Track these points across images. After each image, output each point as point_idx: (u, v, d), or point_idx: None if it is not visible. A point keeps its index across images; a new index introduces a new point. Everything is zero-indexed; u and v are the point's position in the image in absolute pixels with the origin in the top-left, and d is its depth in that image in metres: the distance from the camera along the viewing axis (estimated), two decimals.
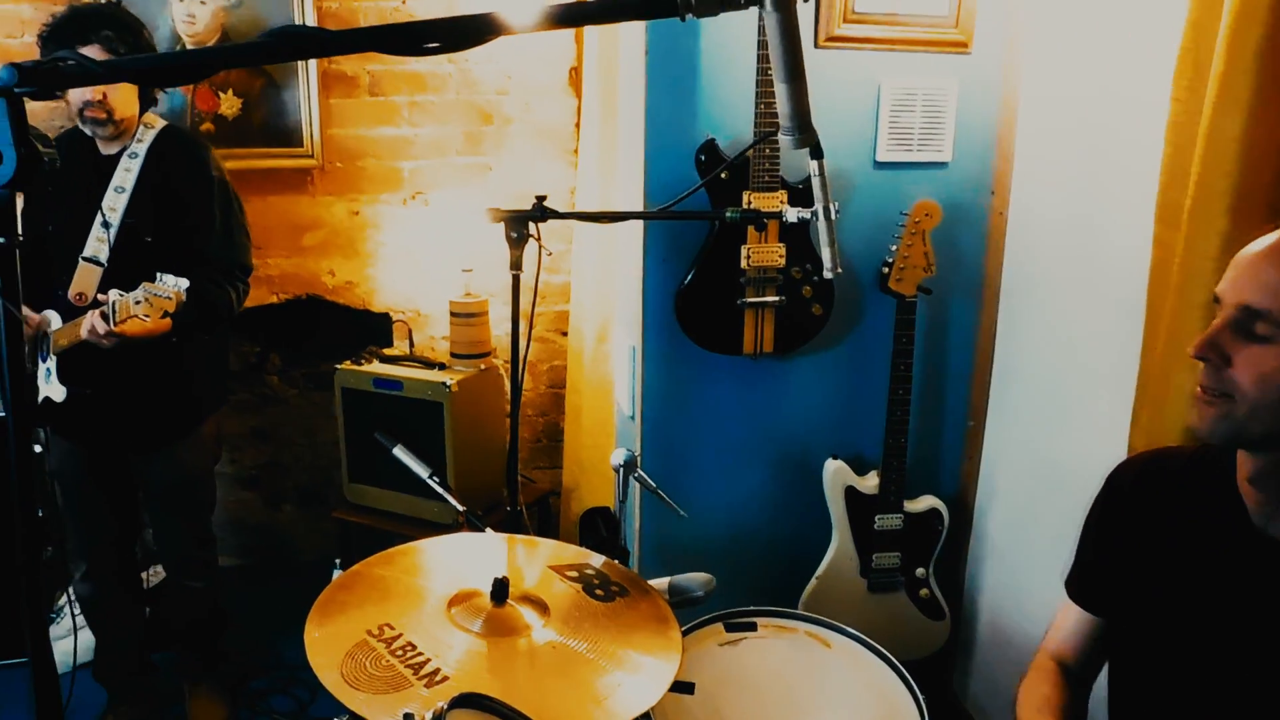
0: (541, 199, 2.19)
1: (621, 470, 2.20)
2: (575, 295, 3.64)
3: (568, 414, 3.81)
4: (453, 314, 3.38)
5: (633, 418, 2.90)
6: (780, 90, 0.97)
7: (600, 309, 3.39)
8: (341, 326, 3.81)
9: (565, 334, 3.80)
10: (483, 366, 3.34)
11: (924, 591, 2.88)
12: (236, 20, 3.46)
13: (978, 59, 2.71)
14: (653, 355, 2.77)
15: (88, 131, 2.64)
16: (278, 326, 3.86)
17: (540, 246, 2.23)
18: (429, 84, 3.60)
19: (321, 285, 3.73)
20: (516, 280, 2.22)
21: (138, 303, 2.32)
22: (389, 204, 3.67)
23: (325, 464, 4.03)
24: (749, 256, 2.60)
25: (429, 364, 3.35)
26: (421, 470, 2.69)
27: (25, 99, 0.98)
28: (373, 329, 3.76)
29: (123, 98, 2.59)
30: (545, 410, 3.98)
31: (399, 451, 2.72)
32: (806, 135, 1.00)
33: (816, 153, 1.93)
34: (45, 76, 0.97)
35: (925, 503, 2.87)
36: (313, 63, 3.48)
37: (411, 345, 3.63)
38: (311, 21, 3.44)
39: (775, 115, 2.50)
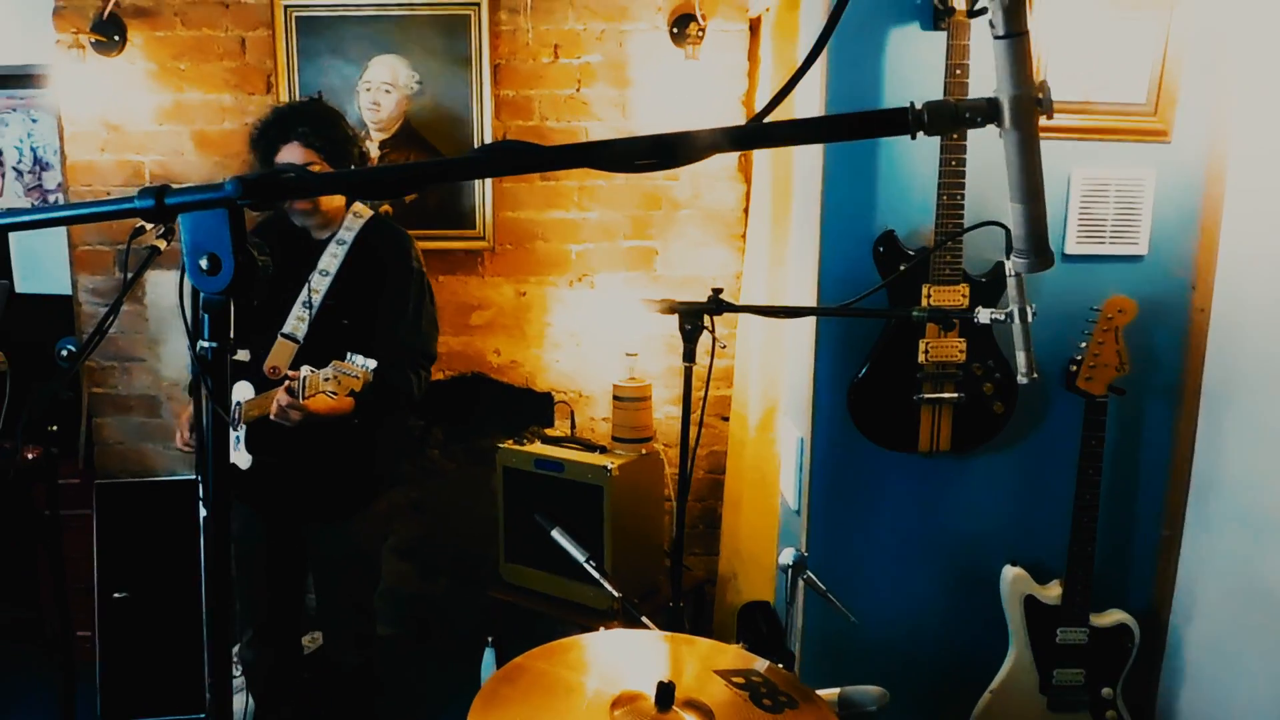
0: (717, 291, 2.16)
1: (790, 571, 2.13)
2: (738, 380, 3.58)
3: (726, 501, 3.73)
4: (616, 397, 3.37)
5: (798, 512, 2.81)
6: (1016, 211, 0.90)
7: (765, 396, 3.32)
8: (504, 405, 3.85)
9: (726, 419, 3.74)
10: (644, 451, 3.31)
11: (1110, 714, 2.68)
12: (418, 108, 3.60)
13: (1178, 147, 2.57)
14: (822, 449, 2.69)
15: (296, 222, 2.77)
16: (442, 402, 3.94)
17: (714, 338, 2.19)
18: None
19: (487, 364, 3.79)
20: (689, 373, 2.19)
21: (326, 379, 2.39)
22: (556, 285, 3.72)
23: (481, 539, 4.04)
24: (927, 351, 2.51)
25: (590, 446, 3.33)
26: (579, 554, 2.67)
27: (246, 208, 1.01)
28: (534, 408, 3.79)
29: None
30: (703, 496, 3.91)
31: (557, 534, 2.71)
32: (1043, 258, 0.92)
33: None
34: (265, 189, 0.99)
35: (1113, 617, 2.68)
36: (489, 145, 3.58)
37: (573, 426, 3.64)
38: (489, 109, 3.55)
39: (959, 207, 2.42)
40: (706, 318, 2.17)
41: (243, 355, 2.88)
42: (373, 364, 2.40)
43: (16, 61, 3.85)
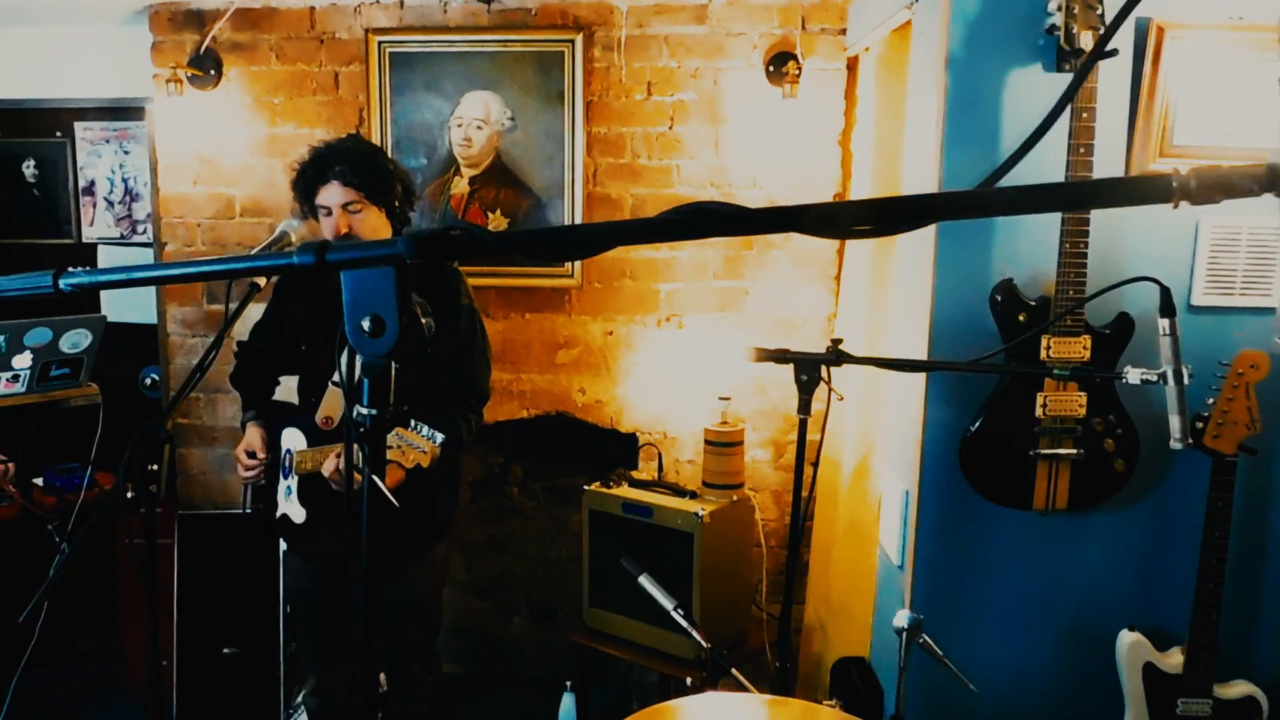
0: (837, 342, 2.08)
1: (905, 634, 2.05)
2: (830, 426, 3.47)
3: (815, 548, 3.63)
4: (708, 442, 3.28)
5: (900, 567, 2.71)
6: None
7: (861, 443, 3.22)
8: (587, 445, 3.79)
9: (814, 464, 3.63)
10: (735, 498, 3.22)
11: None
12: (509, 144, 3.57)
13: None
14: (929, 503, 2.59)
15: None
16: (524, 440, 3.89)
17: (830, 389, 2.11)
18: None
19: (571, 403, 3.73)
20: (804, 425, 2.11)
21: (389, 448, 2.28)
22: (644, 325, 3.65)
23: (559, 580, 3.99)
24: (1045, 404, 2.40)
25: (679, 491, 3.25)
26: (667, 601, 2.60)
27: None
28: (618, 450, 3.71)
29: (369, 226, 2.58)
30: (788, 541, 3.81)
31: (644, 580, 2.64)
32: None
33: (1168, 309, 1.76)
34: (437, 247, 0.93)
35: (1239, 689, 2.53)
36: (578, 184, 3.54)
37: (660, 469, 3.56)
38: (580, 146, 3.51)
39: (1082, 256, 2.32)
40: (824, 369, 2.09)
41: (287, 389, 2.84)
42: (441, 437, 2.29)
43: (111, 94, 3.91)
